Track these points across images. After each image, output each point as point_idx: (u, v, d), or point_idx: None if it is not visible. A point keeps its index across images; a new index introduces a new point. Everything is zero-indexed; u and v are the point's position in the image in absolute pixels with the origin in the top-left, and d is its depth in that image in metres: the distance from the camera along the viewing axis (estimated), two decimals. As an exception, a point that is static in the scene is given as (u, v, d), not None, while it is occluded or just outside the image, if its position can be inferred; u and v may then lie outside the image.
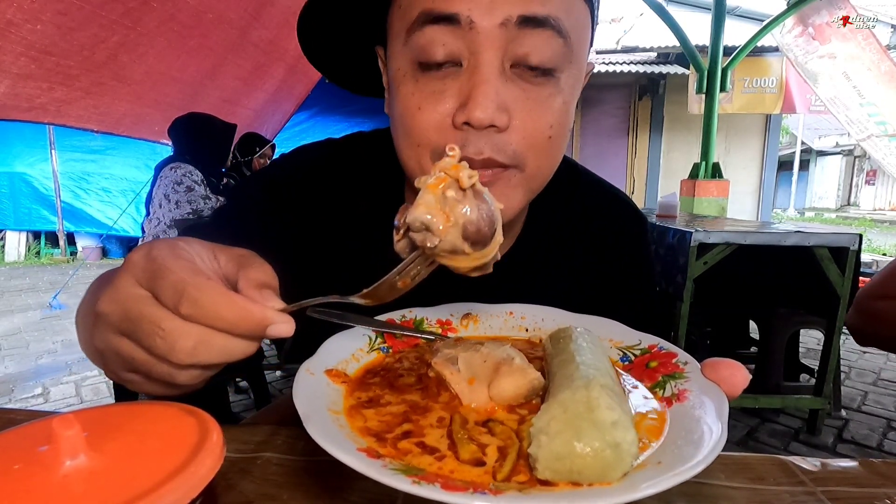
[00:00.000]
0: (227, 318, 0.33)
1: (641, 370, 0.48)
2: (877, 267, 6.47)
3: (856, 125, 6.59)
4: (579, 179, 0.77)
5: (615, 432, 0.32)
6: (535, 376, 0.43)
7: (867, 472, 0.50)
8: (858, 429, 2.63)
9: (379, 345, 0.54)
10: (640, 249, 0.78)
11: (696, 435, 0.35)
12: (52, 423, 0.27)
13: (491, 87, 0.51)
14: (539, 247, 0.73)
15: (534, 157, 0.57)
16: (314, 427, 0.33)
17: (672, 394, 0.42)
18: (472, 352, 0.46)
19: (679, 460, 0.32)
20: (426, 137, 0.55)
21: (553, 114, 0.55)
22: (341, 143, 0.73)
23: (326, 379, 0.44)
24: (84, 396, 3.06)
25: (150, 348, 0.34)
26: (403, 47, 0.55)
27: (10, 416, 0.57)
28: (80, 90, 2.97)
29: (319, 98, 6.13)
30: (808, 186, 22.18)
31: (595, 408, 0.34)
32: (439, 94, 0.53)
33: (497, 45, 0.51)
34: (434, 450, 0.36)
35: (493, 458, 0.36)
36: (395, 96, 0.57)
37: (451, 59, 0.52)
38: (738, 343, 3.32)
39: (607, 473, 0.32)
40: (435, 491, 0.28)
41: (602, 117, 8.30)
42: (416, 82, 0.54)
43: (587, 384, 0.36)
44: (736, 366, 0.41)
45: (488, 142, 0.53)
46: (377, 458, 0.33)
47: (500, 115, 0.52)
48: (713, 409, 0.37)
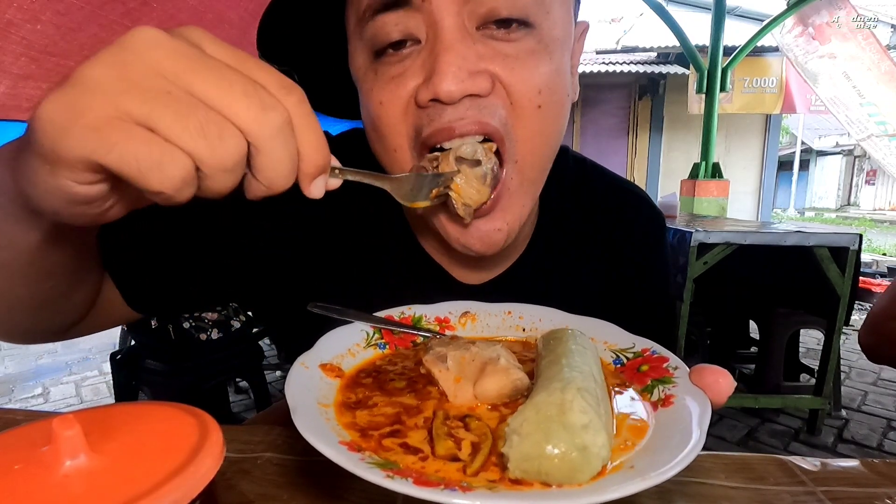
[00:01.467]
0: (308, 136, 0.31)
1: (633, 373, 0.48)
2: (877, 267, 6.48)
3: (856, 125, 6.59)
4: (590, 174, 0.74)
5: (585, 435, 0.33)
6: (519, 377, 0.44)
7: (867, 472, 0.50)
8: (858, 429, 2.63)
9: (376, 340, 0.54)
10: (657, 249, 0.74)
11: (673, 441, 0.35)
12: (52, 423, 0.27)
13: (455, 54, 0.46)
14: (552, 246, 0.70)
15: (523, 128, 0.50)
16: (300, 418, 0.33)
17: (659, 398, 0.43)
18: (462, 350, 0.47)
19: (651, 466, 0.32)
20: (396, 133, 0.51)
21: (539, 76, 0.49)
22: (338, 139, 0.72)
23: (320, 373, 0.45)
24: (84, 396, 3.06)
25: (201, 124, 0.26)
26: (359, 42, 0.51)
27: (10, 416, 0.57)
28: (80, 90, 2.97)
29: (319, 98, 6.13)
30: (808, 186, 22.18)
31: (567, 410, 0.34)
32: (398, 80, 0.49)
33: (455, 8, 0.46)
34: (417, 450, 0.37)
35: (466, 454, 0.36)
36: (361, 98, 0.54)
37: (408, 36, 0.48)
38: (738, 343, 3.31)
39: (575, 476, 0.32)
40: (406, 485, 0.29)
41: (602, 117, 8.30)
42: (375, 74, 0.51)
43: (563, 387, 0.36)
44: (721, 372, 0.41)
45: (474, 112, 0.48)
46: (357, 452, 0.33)
47: (475, 79, 0.46)
48: (694, 416, 0.38)
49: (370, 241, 0.67)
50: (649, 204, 0.75)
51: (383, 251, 0.67)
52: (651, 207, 0.75)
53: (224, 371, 2.23)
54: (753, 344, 3.25)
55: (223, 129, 0.27)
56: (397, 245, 0.68)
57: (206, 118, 0.26)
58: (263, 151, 0.29)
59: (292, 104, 0.30)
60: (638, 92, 8.32)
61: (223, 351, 2.15)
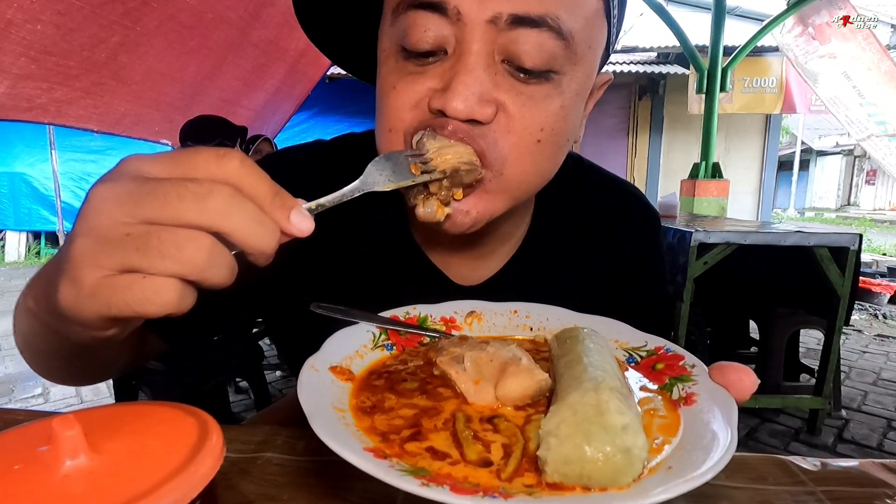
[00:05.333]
0: (260, 189, 0.31)
1: (648, 371, 0.48)
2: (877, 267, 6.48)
3: (856, 125, 6.59)
4: (586, 173, 0.74)
5: (625, 437, 0.32)
6: (543, 377, 0.43)
7: (867, 472, 0.50)
8: (858, 429, 2.63)
9: (383, 341, 0.53)
10: (651, 248, 0.75)
11: (705, 440, 0.35)
12: (52, 423, 0.27)
13: (473, 78, 0.47)
14: (546, 245, 0.71)
15: (516, 160, 0.52)
16: (319, 425, 0.33)
17: (680, 397, 0.42)
18: (478, 351, 0.46)
19: (689, 466, 0.32)
20: (398, 118, 0.51)
21: (546, 116, 0.51)
22: (330, 144, 0.71)
23: (331, 376, 0.44)
24: (84, 396, 3.06)
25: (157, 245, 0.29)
26: (390, 28, 0.52)
27: (10, 416, 0.57)
28: (80, 90, 2.96)
29: (319, 98, 6.13)
30: (808, 186, 22.18)
31: (605, 411, 0.33)
32: (416, 76, 0.50)
33: (485, 38, 0.47)
34: (444, 455, 0.36)
35: (497, 457, 0.36)
36: (378, 78, 0.55)
37: (437, 47, 0.49)
38: (738, 343, 3.32)
39: (618, 478, 0.32)
40: (443, 493, 0.28)
41: (602, 117, 8.30)
42: (396, 63, 0.51)
43: (596, 387, 0.36)
44: (744, 370, 0.40)
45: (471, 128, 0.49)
46: (384, 459, 0.32)
47: (482, 106, 0.48)
48: (722, 414, 0.37)
49: (368, 241, 0.67)
50: (643, 202, 0.76)
51: (380, 251, 0.68)
52: (645, 205, 0.76)
53: (224, 371, 2.23)
54: (753, 344, 3.25)
55: (178, 240, 0.29)
56: (394, 246, 0.68)
57: (160, 239, 0.29)
58: (226, 230, 0.30)
59: (232, 171, 0.31)
60: (638, 92, 8.32)
61: (223, 351, 2.15)
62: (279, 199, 0.33)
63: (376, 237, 0.67)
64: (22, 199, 7.45)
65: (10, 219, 7.52)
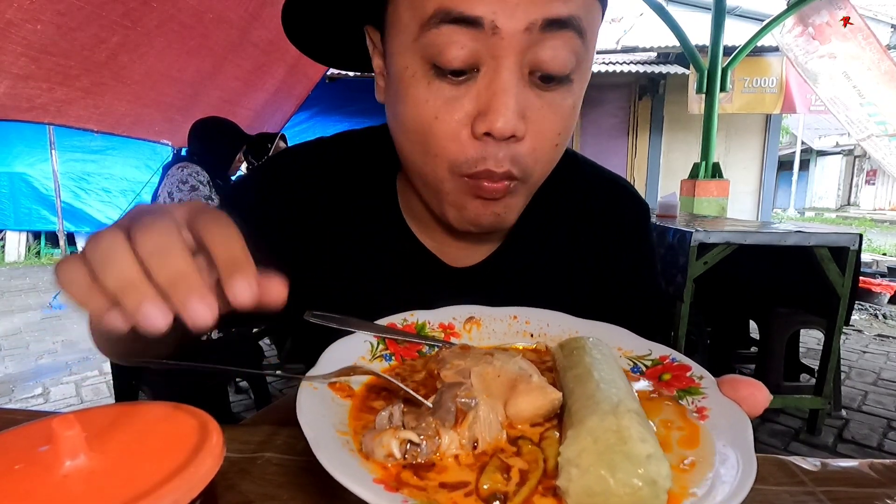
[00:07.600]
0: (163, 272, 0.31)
1: (655, 382, 0.47)
2: (877, 267, 6.48)
3: (856, 125, 6.58)
4: (578, 167, 0.76)
5: (650, 467, 0.31)
6: (556, 396, 0.42)
7: (867, 472, 0.50)
8: (858, 429, 2.63)
9: (381, 352, 0.52)
10: (640, 236, 0.77)
11: (728, 461, 0.34)
12: (52, 423, 0.27)
13: (511, 97, 0.49)
14: (540, 230, 0.72)
15: (540, 168, 0.56)
16: (325, 455, 0.32)
17: (690, 411, 0.41)
18: (484, 364, 0.45)
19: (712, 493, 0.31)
20: (442, 147, 0.53)
21: (562, 119, 0.54)
22: (330, 142, 0.72)
23: (331, 393, 0.42)
24: (84, 396, 3.06)
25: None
26: (413, 43, 0.51)
27: (10, 416, 0.57)
28: (80, 90, 2.96)
29: (319, 98, 6.13)
30: (808, 186, 22.16)
31: (627, 439, 0.32)
32: (454, 102, 0.51)
33: (519, 49, 0.49)
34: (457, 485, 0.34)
35: (514, 483, 0.34)
36: (403, 98, 0.54)
37: (471, 64, 0.49)
38: (738, 343, 3.31)
39: None
40: None
41: (602, 117, 8.29)
42: (429, 86, 0.51)
43: (614, 409, 0.35)
44: (757, 385, 0.40)
45: (507, 153, 0.52)
46: (395, 492, 0.31)
47: (520, 124, 0.51)
48: (740, 434, 0.36)
49: (359, 225, 0.69)
50: (631, 192, 0.78)
51: (373, 235, 0.69)
52: (634, 197, 0.78)
53: (224, 371, 2.23)
54: (753, 344, 3.25)
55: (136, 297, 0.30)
56: (387, 229, 0.69)
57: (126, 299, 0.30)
58: (124, 308, 0.30)
59: (143, 254, 0.31)
60: (638, 92, 8.31)
61: (223, 351, 2.15)
62: (184, 283, 0.30)
63: (370, 225, 0.69)
64: (22, 199, 7.45)
65: (10, 219, 7.52)
